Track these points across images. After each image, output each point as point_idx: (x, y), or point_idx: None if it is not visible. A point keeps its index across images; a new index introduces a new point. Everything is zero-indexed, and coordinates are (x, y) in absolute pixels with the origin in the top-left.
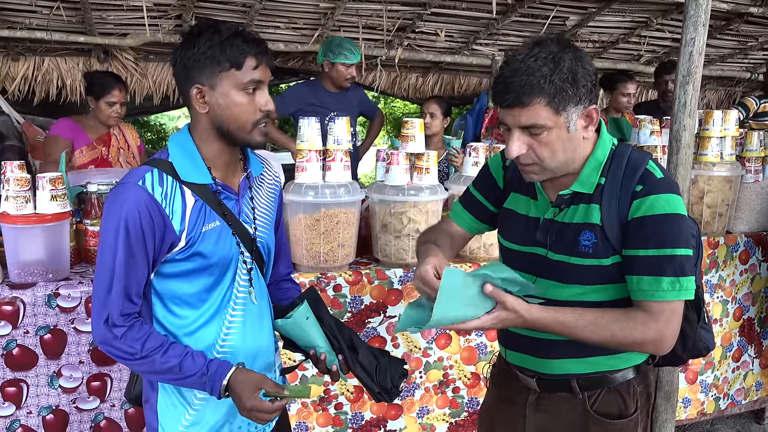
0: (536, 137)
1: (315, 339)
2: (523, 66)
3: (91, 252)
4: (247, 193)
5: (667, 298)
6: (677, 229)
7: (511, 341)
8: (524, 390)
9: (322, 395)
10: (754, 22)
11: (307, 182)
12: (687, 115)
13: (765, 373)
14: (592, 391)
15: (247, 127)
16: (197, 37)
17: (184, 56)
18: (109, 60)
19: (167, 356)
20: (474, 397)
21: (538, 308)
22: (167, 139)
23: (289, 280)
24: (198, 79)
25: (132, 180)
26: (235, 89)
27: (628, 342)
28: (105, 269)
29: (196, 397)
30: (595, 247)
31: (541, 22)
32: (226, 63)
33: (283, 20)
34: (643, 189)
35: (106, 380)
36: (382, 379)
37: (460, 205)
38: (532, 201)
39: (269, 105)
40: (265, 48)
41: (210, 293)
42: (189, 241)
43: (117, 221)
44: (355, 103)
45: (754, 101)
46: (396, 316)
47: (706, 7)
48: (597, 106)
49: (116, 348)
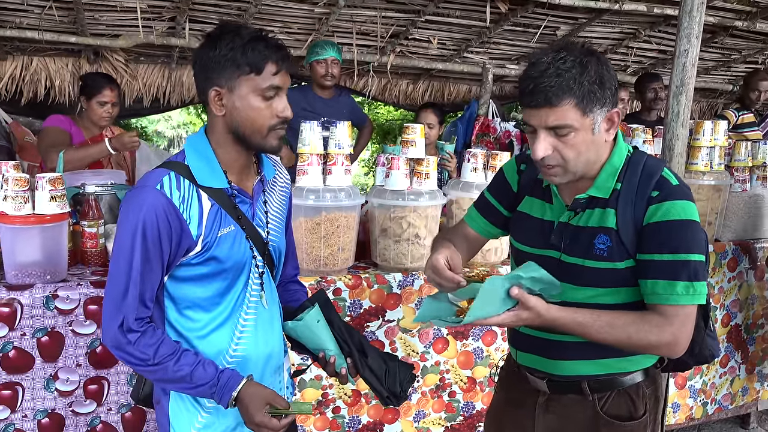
0: (562, 138)
1: (325, 342)
2: (551, 68)
3: (88, 254)
4: (260, 197)
5: (681, 302)
6: (692, 235)
7: (522, 342)
8: (534, 392)
9: (320, 399)
10: (738, 35)
11: (308, 186)
12: (680, 124)
13: (751, 379)
14: (602, 393)
15: (263, 131)
16: (219, 38)
17: (205, 57)
18: (99, 61)
19: (179, 364)
20: (470, 401)
21: (557, 308)
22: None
23: (296, 282)
24: (217, 81)
25: (150, 183)
26: (253, 94)
27: (643, 344)
28: (120, 273)
29: (208, 401)
30: (609, 250)
31: (533, 31)
32: (246, 67)
33: (277, 24)
34: (659, 195)
35: (103, 383)
36: (391, 384)
37: (474, 209)
38: (548, 205)
39: (287, 111)
40: (286, 54)
41: (223, 297)
42: (205, 245)
43: (134, 225)
44: (345, 110)
45: (734, 113)
46: (395, 321)
47: (700, 19)
48: (618, 110)
49: (129, 354)
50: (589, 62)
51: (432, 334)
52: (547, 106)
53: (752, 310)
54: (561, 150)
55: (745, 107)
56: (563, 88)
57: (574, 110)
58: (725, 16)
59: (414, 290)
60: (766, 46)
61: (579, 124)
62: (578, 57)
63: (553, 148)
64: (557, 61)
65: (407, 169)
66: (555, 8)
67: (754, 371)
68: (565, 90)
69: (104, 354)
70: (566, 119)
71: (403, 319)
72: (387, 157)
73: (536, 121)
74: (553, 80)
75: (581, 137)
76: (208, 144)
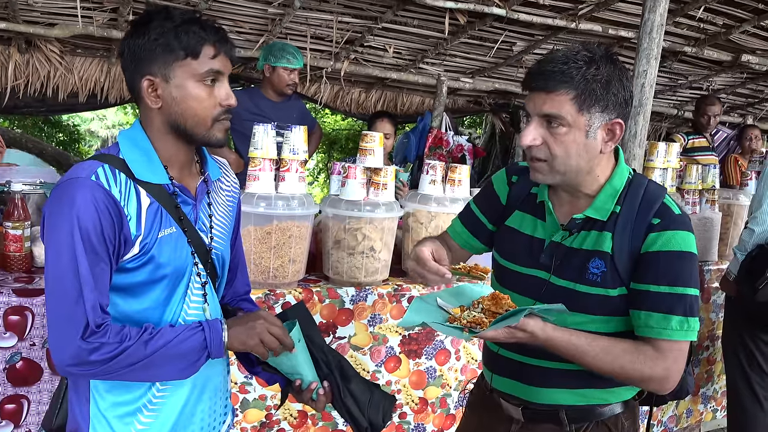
0: (553, 131)
1: (302, 366)
2: (562, 57)
3: (11, 258)
4: (204, 198)
5: (675, 337)
6: (690, 268)
7: (499, 366)
8: (507, 420)
9: (263, 420)
10: (686, 61)
11: (259, 192)
12: (637, 145)
13: (695, 401)
14: (579, 424)
15: (206, 122)
16: (148, 23)
17: (134, 45)
18: (31, 51)
19: (157, 333)
20: (420, 422)
21: (553, 327)
22: (80, 142)
23: (248, 300)
24: (149, 70)
25: (82, 174)
26: (191, 80)
27: (635, 376)
28: (65, 278)
29: (135, 429)
30: (603, 276)
31: (490, 45)
32: (180, 51)
33: (228, 23)
34: (660, 223)
35: (22, 403)
36: (374, 414)
37: (458, 220)
38: (540, 221)
39: (230, 99)
40: (224, 36)
41: (160, 309)
42: (143, 247)
43: (70, 222)
44: (295, 114)
45: (683, 137)
46: (346, 337)
47: (659, 41)
48: (622, 122)
49: (100, 357)
50: (603, 63)
51: (384, 352)
52: (544, 91)
53: (698, 333)
54: (550, 144)
55: (697, 131)
56: (564, 76)
57: (570, 103)
58: (675, 41)
59: (367, 306)
60: (711, 72)
61: (573, 120)
62: (594, 54)
63: (543, 140)
64: (572, 52)
65: (364, 179)
66: (513, 23)
67: (698, 393)
68: (565, 78)
69: (25, 369)
70: (560, 110)
71: (355, 336)
72: (343, 165)
73: (531, 106)
74: (558, 67)
75: (573, 135)
76: (145, 136)
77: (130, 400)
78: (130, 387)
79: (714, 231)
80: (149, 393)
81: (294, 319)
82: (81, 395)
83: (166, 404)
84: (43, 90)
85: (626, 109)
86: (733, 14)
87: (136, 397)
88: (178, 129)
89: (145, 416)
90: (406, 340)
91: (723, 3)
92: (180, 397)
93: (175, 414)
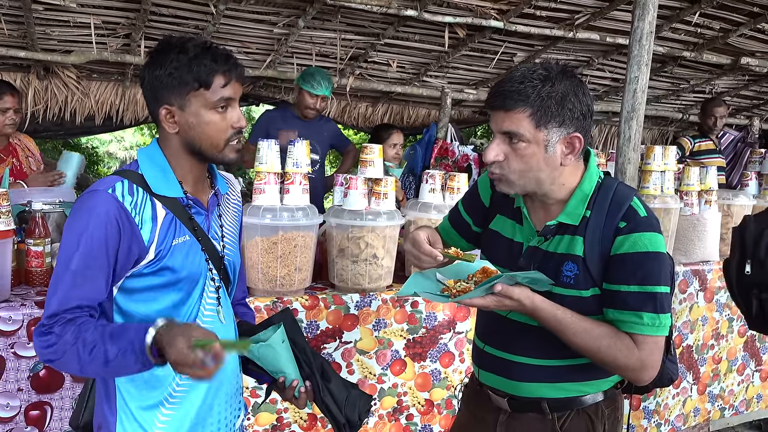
0: (514, 146)
1: (285, 365)
2: (519, 76)
3: (33, 274)
4: (215, 210)
5: (647, 332)
6: (658, 267)
7: (485, 362)
8: (495, 410)
9: (274, 423)
10: (686, 65)
11: (264, 204)
12: (631, 149)
13: (702, 399)
14: (561, 413)
15: (219, 145)
16: (164, 55)
17: (152, 76)
18: (50, 77)
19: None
20: (427, 424)
21: (541, 299)
22: (99, 164)
23: (244, 305)
24: (166, 99)
25: (101, 188)
26: (204, 108)
27: (610, 360)
28: (59, 272)
29: (159, 420)
30: (576, 278)
31: (490, 57)
32: (194, 83)
33: (236, 44)
34: (626, 226)
35: (46, 409)
36: (350, 412)
37: (447, 220)
38: (518, 226)
39: (241, 121)
40: (234, 63)
41: (176, 311)
42: (158, 254)
43: (81, 228)
44: (326, 133)
45: (689, 141)
46: (352, 342)
47: (649, 48)
48: (581, 136)
49: (44, 352)
50: (558, 80)
51: (389, 355)
52: (502, 109)
53: (702, 331)
54: (510, 159)
55: (703, 134)
56: (521, 95)
57: (527, 120)
58: (673, 47)
59: (372, 311)
60: (712, 76)
61: (531, 136)
62: (549, 72)
63: (505, 155)
64: (529, 71)
65: (365, 189)
66: (511, 35)
67: (705, 392)
68: (521, 97)
69: (48, 378)
70: (519, 127)
71: (361, 341)
72: (345, 176)
73: (493, 124)
74: (515, 86)
75: (532, 150)
76: (162, 155)
77: (154, 395)
78: (153, 383)
79: (713, 231)
80: (169, 388)
81: (280, 322)
82: (110, 391)
83: (186, 398)
84: (62, 114)
85: (585, 122)
86: (729, 18)
87: (159, 392)
88: (194, 150)
89: (167, 408)
90: (411, 343)
91: (719, 8)
92: (200, 392)
93: (195, 407)
